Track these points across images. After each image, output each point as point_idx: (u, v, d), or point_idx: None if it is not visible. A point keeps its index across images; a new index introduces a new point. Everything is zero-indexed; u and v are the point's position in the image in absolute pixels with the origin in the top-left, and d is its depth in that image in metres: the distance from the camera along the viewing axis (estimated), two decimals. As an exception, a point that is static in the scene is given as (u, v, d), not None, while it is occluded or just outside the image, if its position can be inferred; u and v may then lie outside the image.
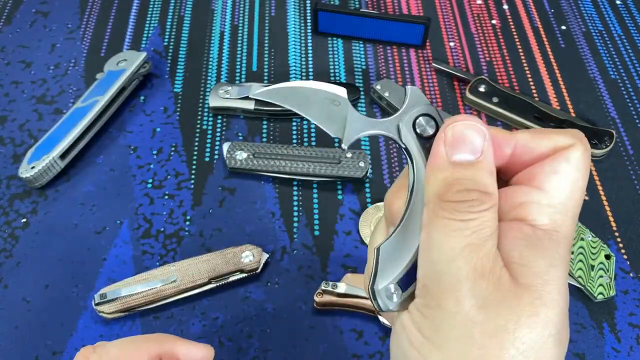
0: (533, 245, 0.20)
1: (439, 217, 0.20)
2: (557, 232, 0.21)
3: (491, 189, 0.21)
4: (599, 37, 0.62)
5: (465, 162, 0.21)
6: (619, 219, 0.48)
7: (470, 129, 0.21)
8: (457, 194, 0.20)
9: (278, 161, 0.49)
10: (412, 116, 0.24)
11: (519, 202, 0.21)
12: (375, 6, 0.65)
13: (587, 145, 0.22)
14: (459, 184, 0.20)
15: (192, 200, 0.49)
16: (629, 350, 0.42)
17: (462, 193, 0.20)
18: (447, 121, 0.22)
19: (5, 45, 0.60)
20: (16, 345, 0.41)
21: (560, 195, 0.21)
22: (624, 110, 0.56)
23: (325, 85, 0.24)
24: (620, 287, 0.45)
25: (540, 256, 0.20)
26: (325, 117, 0.24)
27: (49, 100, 0.55)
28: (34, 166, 0.47)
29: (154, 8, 0.64)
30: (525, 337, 0.19)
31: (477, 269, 0.19)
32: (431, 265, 0.20)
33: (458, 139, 0.21)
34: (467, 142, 0.21)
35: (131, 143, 0.53)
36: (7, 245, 0.46)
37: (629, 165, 0.52)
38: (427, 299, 0.20)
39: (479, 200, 0.20)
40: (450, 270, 0.19)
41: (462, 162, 0.21)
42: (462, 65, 0.59)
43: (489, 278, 0.19)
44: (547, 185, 0.21)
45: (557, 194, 0.21)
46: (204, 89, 0.57)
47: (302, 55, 0.60)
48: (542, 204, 0.21)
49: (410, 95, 0.24)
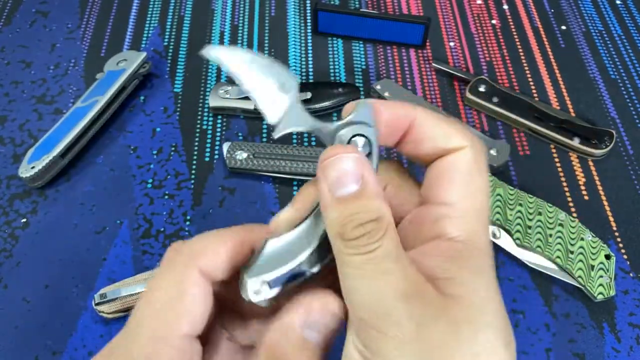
0: (453, 259, 0.21)
1: (346, 255, 0.20)
2: (471, 241, 0.21)
3: (383, 210, 0.21)
4: (599, 37, 0.62)
5: (350, 194, 0.21)
6: (619, 219, 0.48)
7: (343, 160, 0.21)
8: (353, 231, 0.20)
9: (278, 161, 0.49)
10: (350, 132, 0.23)
11: (433, 220, 0.22)
12: (375, 6, 0.65)
13: (478, 146, 0.23)
14: (352, 220, 0.20)
15: (192, 200, 0.49)
16: (629, 350, 0.42)
17: (358, 229, 0.20)
18: (320, 158, 0.22)
19: (5, 45, 0.60)
20: (16, 345, 0.41)
21: (463, 205, 0.22)
22: (624, 110, 0.56)
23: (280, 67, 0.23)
24: (620, 287, 0.45)
25: (462, 266, 0.21)
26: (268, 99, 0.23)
27: (49, 100, 0.55)
28: (34, 166, 0.47)
29: (154, 8, 0.64)
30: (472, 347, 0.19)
31: (401, 291, 0.19)
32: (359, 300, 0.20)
33: (335, 174, 0.21)
34: (345, 174, 0.21)
35: (131, 143, 0.53)
36: (7, 245, 0.46)
37: (628, 165, 0.52)
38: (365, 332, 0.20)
39: (376, 229, 0.20)
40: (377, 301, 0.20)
41: (347, 196, 0.21)
42: (462, 65, 0.59)
43: (416, 296, 0.20)
44: (449, 198, 0.22)
45: (460, 204, 0.22)
46: (204, 89, 0.57)
47: (302, 55, 0.60)
48: (452, 217, 0.22)
49: (359, 110, 0.23)
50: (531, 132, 0.53)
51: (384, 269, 0.20)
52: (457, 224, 0.22)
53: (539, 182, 0.50)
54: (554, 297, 0.44)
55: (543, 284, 0.45)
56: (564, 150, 0.53)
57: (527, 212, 0.46)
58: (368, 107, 0.23)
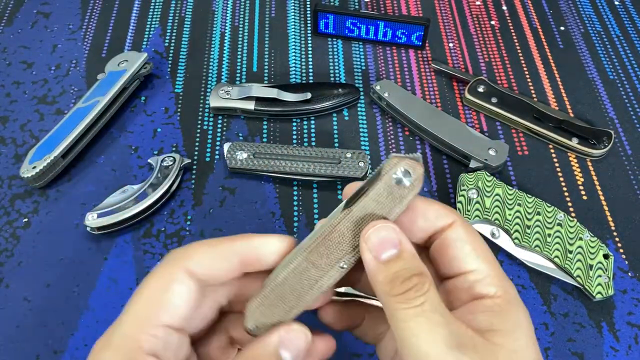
0: (496, 313, 0.24)
1: (398, 310, 0.23)
2: (506, 295, 0.25)
3: (423, 268, 0.24)
4: (598, 38, 0.62)
5: (392, 256, 0.24)
6: (618, 219, 0.48)
7: (382, 230, 0.24)
8: (401, 286, 0.23)
9: (278, 161, 0.49)
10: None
11: (466, 287, 0.25)
12: (375, 7, 0.65)
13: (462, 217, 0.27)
14: (398, 277, 0.23)
15: (192, 200, 0.49)
16: (627, 349, 0.42)
17: (404, 284, 0.23)
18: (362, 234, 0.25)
19: (7, 46, 0.60)
20: (17, 345, 0.42)
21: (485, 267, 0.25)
22: (622, 110, 0.56)
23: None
24: (619, 287, 0.45)
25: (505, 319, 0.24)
26: None
27: (50, 101, 0.56)
28: (35, 166, 0.47)
29: (155, 9, 0.64)
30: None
31: (456, 342, 0.22)
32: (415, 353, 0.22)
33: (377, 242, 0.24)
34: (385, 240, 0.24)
35: (132, 143, 0.53)
36: (8, 244, 0.46)
37: (627, 165, 0.52)
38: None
39: (420, 283, 0.23)
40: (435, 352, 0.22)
41: (389, 258, 0.24)
42: (461, 66, 0.59)
43: (469, 346, 0.22)
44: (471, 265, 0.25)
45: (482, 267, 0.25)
46: (205, 90, 0.57)
47: (302, 55, 0.60)
48: (481, 280, 0.25)
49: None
50: (530, 132, 0.54)
51: (436, 321, 0.22)
52: (489, 284, 0.25)
53: (538, 182, 0.51)
54: (553, 297, 0.44)
55: (542, 283, 0.45)
56: (562, 150, 0.53)
57: (525, 212, 0.46)
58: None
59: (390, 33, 0.59)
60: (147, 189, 0.48)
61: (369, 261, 0.24)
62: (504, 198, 0.47)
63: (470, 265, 0.26)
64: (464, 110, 0.56)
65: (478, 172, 0.48)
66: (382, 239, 0.24)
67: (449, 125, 0.52)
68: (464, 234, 0.26)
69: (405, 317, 0.22)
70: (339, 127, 0.54)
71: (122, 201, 0.47)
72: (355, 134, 0.54)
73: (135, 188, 0.48)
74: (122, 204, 0.46)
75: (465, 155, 0.50)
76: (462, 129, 0.52)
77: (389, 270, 0.24)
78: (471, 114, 0.55)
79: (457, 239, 0.26)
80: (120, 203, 0.47)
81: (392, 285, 0.23)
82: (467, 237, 0.26)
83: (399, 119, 0.54)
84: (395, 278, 0.23)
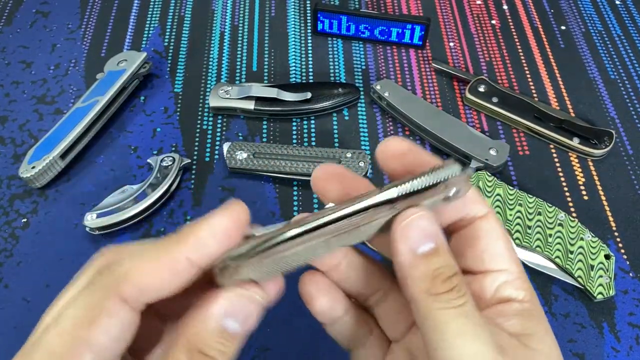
0: (529, 317, 0.23)
1: (437, 310, 0.21)
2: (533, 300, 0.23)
3: (458, 267, 0.22)
4: (599, 37, 0.62)
5: (430, 251, 0.21)
6: (619, 219, 0.48)
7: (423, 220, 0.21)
8: (443, 284, 0.21)
9: (278, 161, 0.49)
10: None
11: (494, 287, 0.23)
12: (375, 6, 0.65)
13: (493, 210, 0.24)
14: (440, 274, 0.21)
15: (192, 200, 0.49)
16: (628, 350, 0.42)
17: (447, 282, 0.21)
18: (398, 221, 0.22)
19: (6, 46, 0.60)
20: (16, 345, 0.41)
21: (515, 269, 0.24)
22: (623, 110, 0.56)
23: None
24: (620, 287, 0.45)
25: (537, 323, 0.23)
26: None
27: (50, 101, 0.55)
28: (34, 166, 0.47)
29: (155, 8, 0.64)
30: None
31: (497, 346, 0.20)
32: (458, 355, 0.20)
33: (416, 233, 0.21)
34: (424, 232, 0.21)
35: (131, 143, 0.53)
36: (7, 245, 0.46)
37: (628, 165, 0.52)
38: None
39: (460, 283, 0.21)
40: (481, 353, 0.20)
41: (427, 253, 0.21)
42: (462, 65, 0.59)
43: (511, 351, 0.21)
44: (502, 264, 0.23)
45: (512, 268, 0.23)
46: (204, 89, 0.57)
47: (302, 55, 0.60)
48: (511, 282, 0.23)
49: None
50: (531, 132, 0.53)
51: (479, 323, 0.20)
52: (519, 287, 0.23)
53: (539, 182, 0.50)
54: (554, 297, 0.44)
55: (542, 283, 0.45)
56: (563, 150, 0.53)
57: (526, 212, 0.46)
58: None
59: (391, 32, 0.59)
60: (146, 189, 0.47)
61: (405, 253, 0.21)
62: (504, 198, 0.47)
63: (502, 264, 0.23)
64: (464, 110, 0.56)
65: (479, 172, 0.48)
66: (422, 230, 0.21)
67: (449, 125, 0.52)
68: (498, 228, 0.24)
69: (446, 317, 0.20)
70: (339, 127, 0.54)
71: (122, 201, 0.47)
72: (356, 133, 0.54)
73: (135, 188, 0.48)
74: (122, 204, 0.46)
75: (465, 155, 0.50)
76: (462, 129, 0.52)
77: (429, 267, 0.21)
78: (472, 113, 0.55)
79: (491, 232, 0.23)
80: (119, 203, 0.46)
81: (433, 283, 0.21)
82: (501, 233, 0.24)
83: (399, 118, 0.54)
84: (437, 276, 0.21)
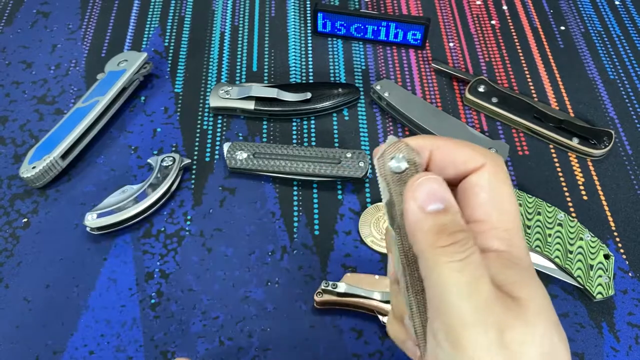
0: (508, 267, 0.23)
1: (441, 263, 0.22)
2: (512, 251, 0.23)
3: (466, 226, 0.23)
4: (598, 38, 0.62)
5: (439, 209, 0.23)
6: (618, 219, 0.48)
7: (431, 182, 0.23)
8: (449, 237, 0.22)
9: (278, 161, 0.49)
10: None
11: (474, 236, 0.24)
12: (375, 6, 0.65)
13: (496, 160, 0.24)
14: (445, 229, 0.22)
15: (192, 200, 0.49)
16: (627, 350, 0.42)
17: (452, 236, 0.22)
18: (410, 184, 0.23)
19: (6, 46, 0.60)
20: (17, 345, 0.42)
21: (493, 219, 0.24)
22: (622, 110, 0.56)
23: None
24: (619, 287, 0.45)
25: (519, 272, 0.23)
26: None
27: (50, 101, 0.56)
28: (34, 166, 0.47)
29: (155, 8, 0.64)
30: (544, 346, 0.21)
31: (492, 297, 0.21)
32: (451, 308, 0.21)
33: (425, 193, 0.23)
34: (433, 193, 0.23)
35: (132, 143, 0.53)
36: (8, 245, 0.46)
37: (627, 165, 0.52)
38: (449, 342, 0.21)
39: (466, 238, 0.22)
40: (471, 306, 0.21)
41: (437, 210, 0.22)
42: (462, 66, 0.59)
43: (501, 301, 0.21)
44: (479, 215, 0.24)
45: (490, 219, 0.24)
46: (205, 89, 0.57)
47: (302, 55, 0.60)
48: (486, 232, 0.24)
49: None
50: (530, 132, 0.54)
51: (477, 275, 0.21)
52: (494, 238, 0.24)
53: (538, 182, 0.51)
54: (553, 297, 0.44)
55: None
56: (563, 150, 0.53)
57: (526, 212, 0.46)
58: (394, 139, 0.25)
59: (391, 33, 0.59)
60: (146, 189, 0.47)
61: (413, 210, 0.23)
62: (504, 198, 0.47)
63: (478, 214, 0.24)
64: (464, 110, 0.56)
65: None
66: (430, 191, 0.23)
67: (449, 125, 0.52)
68: (486, 180, 0.24)
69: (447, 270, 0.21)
70: (339, 127, 0.54)
71: (122, 201, 0.47)
72: (355, 133, 0.54)
73: (135, 188, 0.48)
74: (122, 204, 0.46)
75: (465, 155, 0.50)
76: (462, 129, 0.52)
77: (436, 221, 0.22)
78: (471, 113, 0.55)
79: (476, 185, 0.24)
80: (119, 203, 0.46)
81: (439, 236, 0.22)
82: (488, 184, 0.24)
83: (399, 118, 0.54)
84: (443, 230, 0.22)
